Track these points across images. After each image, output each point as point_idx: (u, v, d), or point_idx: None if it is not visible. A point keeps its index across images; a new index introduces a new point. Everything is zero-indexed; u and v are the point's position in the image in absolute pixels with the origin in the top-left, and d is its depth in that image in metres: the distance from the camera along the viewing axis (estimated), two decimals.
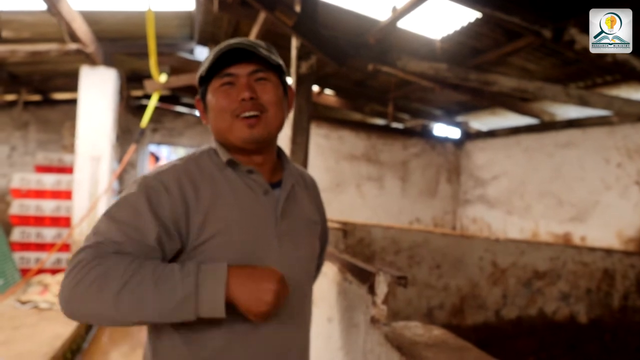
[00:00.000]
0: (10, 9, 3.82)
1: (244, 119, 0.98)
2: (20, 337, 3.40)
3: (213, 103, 1.01)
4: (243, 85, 0.99)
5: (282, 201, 1.05)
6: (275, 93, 1.02)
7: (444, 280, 3.07)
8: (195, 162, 1.03)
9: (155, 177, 0.96)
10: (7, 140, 6.81)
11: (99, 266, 0.81)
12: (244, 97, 0.97)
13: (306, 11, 2.78)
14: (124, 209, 0.91)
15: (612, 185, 4.66)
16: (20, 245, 5.09)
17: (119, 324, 0.85)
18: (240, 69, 1.00)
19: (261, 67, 1.01)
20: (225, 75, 1.00)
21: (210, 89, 1.02)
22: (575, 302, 3.34)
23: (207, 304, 0.81)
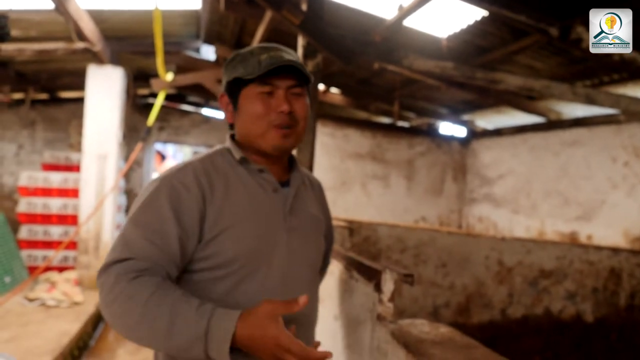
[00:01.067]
0: (19, 8, 3.84)
1: (280, 130, 1.04)
2: (28, 334, 3.43)
3: (250, 108, 1.05)
4: (283, 98, 1.04)
5: (291, 198, 1.11)
6: (306, 108, 1.09)
7: (450, 279, 3.06)
8: (209, 159, 1.08)
9: (176, 177, 1.01)
10: (14, 138, 6.86)
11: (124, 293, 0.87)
12: (284, 110, 1.03)
13: (313, 10, 2.78)
14: (148, 213, 0.97)
15: (619, 184, 4.63)
16: (27, 243, 5.12)
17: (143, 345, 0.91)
18: (282, 81, 1.05)
19: (299, 83, 1.07)
20: (267, 85, 1.04)
21: (247, 92, 1.06)
22: (581, 301, 3.33)
23: (214, 350, 0.84)
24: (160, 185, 0.99)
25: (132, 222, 0.96)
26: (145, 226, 0.95)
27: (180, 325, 0.84)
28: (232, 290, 1.00)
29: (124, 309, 0.86)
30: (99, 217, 4.96)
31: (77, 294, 4.35)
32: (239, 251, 1.00)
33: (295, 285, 1.07)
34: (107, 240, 5.00)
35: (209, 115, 7.70)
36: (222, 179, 1.04)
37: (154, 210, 0.96)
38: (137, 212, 0.98)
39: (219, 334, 0.83)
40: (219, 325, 0.84)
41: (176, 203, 0.97)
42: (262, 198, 1.07)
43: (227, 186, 1.04)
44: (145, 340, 0.88)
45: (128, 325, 0.87)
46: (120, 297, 0.87)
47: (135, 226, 0.95)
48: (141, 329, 0.86)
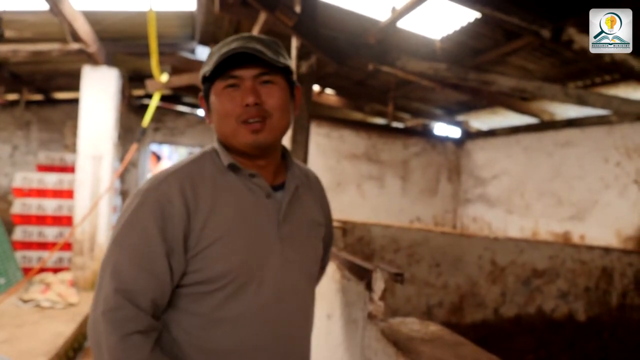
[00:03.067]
0: (13, 8, 3.84)
1: (248, 124, 0.96)
2: (23, 336, 3.43)
3: (217, 106, 0.99)
4: (248, 90, 0.95)
5: (285, 205, 1.03)
6: (280, 97, 0.98)
7: (444, 279, 3.09)
8: (197, 165, 1.02)
9: (160, 190, 0.95)
10: (9, 139, 6.83)
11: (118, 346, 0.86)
12: (249, 102, 0.95)
13: (306, 11, 2.80)
14: (133, 234, 0.93)
15: (611, 184, 4.67)
16: (22, 244, 5.11)
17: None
18: (246, 71, 0.96)
19: (267, 70, 0.97)
20: (230, 78, 0.97)
21: (214, 90, 0.99)
22: (574, 300, 3.36)
23: None
24: (143, 200, 0.94)
25: (118, 245, 0.93)
26: (132, 249, 0.91)
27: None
28: (222, 305, 0.95)
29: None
30: (94, 218, 4.96)
31: (72, 295, 4.34)
32: (227, 265, 0.95)
33: (289, 297, 1.02)
34: (102, 242, 5.00)
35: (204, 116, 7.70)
36: (209, 186, 0.98)
37: (139, 230, 0.92)
38: (121, 232, 0.94)
39: None
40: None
41: (160, 220, 0.92)
42: (253, 206, 1.00)
43: (215, 195, 0.97)
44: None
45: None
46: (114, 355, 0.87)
47: (121, 250, 0.92)
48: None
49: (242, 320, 0.96)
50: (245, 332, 0.96)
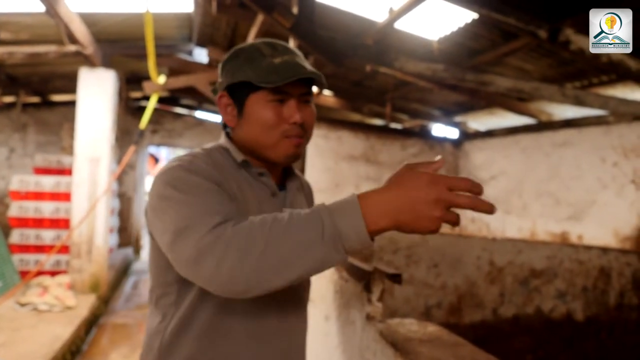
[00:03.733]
0: (9, 10, 3.83)
1: (291, 139, 0.99)
2: (20, 339, 3.42)
3: (259, 116, 0.99)
4: (295, 108, 0.98)
5: (289, 203, 1.09)
6: (314, 116, 1.05)
7: (442, 279, 3.08)
8: (210, 155, 1.01)
9: (190, 160, 0.94)
10: (5, 142, 6.82)
11: (236, 235, 0.77)
12: (297, 120, 0.98)
13: (304, 13, 2.80)
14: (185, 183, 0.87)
15: (609, 185, 4.68)
16: (19, 247, 5.09)
17: (272, 290, 0.79)
18: (295, 89, 0.99)
19: (309, 90, 1.02)
20: (281, 93, 0.98)
21: (257, 98, 0.99)
22: (571, 300, 3.36)
23: (353, 244, 0.76)
24: (180, 167, 0.90)
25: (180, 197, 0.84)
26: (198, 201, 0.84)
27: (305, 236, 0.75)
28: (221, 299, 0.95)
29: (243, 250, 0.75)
30: (91, 221, 4.94)
31: (69, 298, 4.32)
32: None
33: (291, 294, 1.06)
34: (100, 244, 4.98)
35: (202, 118, 7.69)
36: (231, 177, 0.99)
37: (194, 187, 0.86)
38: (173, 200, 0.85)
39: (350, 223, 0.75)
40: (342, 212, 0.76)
41: (202, 174, 0.89)
42: (262, 202, 1.03)
43: (238, 185, 0.99)
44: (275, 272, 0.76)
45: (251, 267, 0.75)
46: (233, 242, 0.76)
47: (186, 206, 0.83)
48: (267, 260, 0.75)
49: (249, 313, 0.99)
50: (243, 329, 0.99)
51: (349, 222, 0.75)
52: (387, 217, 0.75)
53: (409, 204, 0.74)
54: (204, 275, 0.78)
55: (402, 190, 0.75)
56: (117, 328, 4.50)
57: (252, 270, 0.75)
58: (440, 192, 0.73)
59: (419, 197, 0.73)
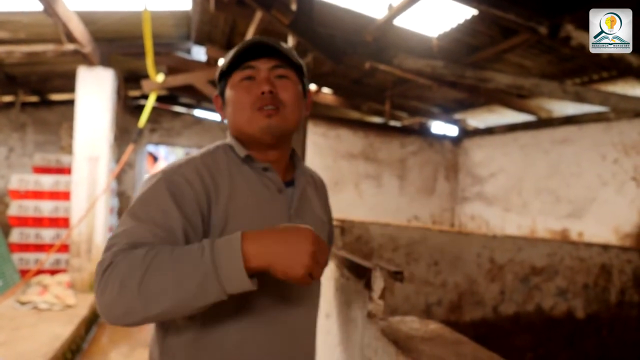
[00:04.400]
0: (6, 9, 3.81)
1: (262, 111, 0.99)
2: (20, 338, 3.41)
3: (233, 97, 1.02)
4: (263, 79, 1.00)
5: (296, 200, 1.07)
6: (294, 91, 1.03)
7: (442, 277, 3.08)
8: (211, 156, 1.03)
9: (176, 171, 0.95)
10: (4, 141, 6.80)
11: (122, 262, 0.78)
12: (264, 90, 0.98)
13: (302, 10, 2.79)
14: (148, 206, 0.89)
15: (609, 182, 4.68)
16: (19, 246, 5.09)
17: (151, 319, 0.80)
18: (262, 63, 1.01)
19: (282, 64, 1.02)
20: (247, 68, 1.01)
21: (230, 83, 1.03)
22: (572, 298, 3.36)
23: (229, 279, 0.77)
24: (160, 178, 0.93)
25: (133, 216, 0.87)
26: (148, 221, 0.86)
27: (184, 268, 0.76)
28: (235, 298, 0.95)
29: (123, 278, 0.76)
30: (90, 220, 4.93)
31: (69, 297, 4.32)
32: None
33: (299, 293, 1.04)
34: (99, 243, 4.98)
35: (201, 116, 7.68)
36: (227, 178, 0.99)
37: (156, 204, 0.89)
38: (137, 205, 0.89)
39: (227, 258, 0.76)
40: (227, 246, 0.77)
41: (179, 196, 0.90)
42: (267, 199, 1.02)
43: (232, 186, 0.99)
44: (153, 304, 0.76)
45: (130, 294, 0.76)
46: (116, 270, 0.77)
47: (137, 221, 0.86)
48: (145, 289, 0.75)
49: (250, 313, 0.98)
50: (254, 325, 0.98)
51: (227, 256, 0.77)
52: (263, 258, 0.79)
53: (289, 252, 0.79)
54: (95, 296, 0.81)
55: (285, 237, 0.81)
56: (117, 327, 4.49)
57: (130, 297, 0.76)
58: (316, 249, 0.81)
59: (300, 247, 0.80)
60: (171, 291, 0.76)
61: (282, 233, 0.81)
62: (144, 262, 0.77)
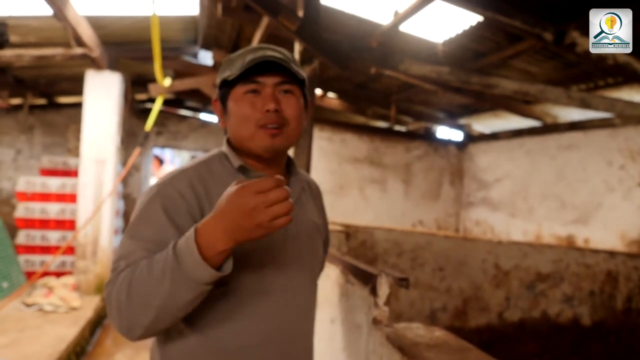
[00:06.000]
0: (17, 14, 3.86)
1: (266, 129, 0.99)
2: (26, 339, 3.43)
3: (236, 110, 1.01)
4: (269, 96, 0.99)
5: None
6: (297, 107, 1.03)
7: (447, 283, 3.07)
8: (206, 165, 1.05)
9: (169, 184, 0.98)
10: (12, 143, 6.86)
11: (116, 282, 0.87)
12: (270, 108, 0.98)
13: (309, 16, 2.80)
14: (143, 224, 0.94)
15: (615, 187, 4.65)
16: (25, 248, 5.12)
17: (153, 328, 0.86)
18: (268, 78, 1.00)
19: (287, 79, 1.01)
20: (252, 83, 1.00)
21: (234, 94, 1.02)
22: (578, 305, 3.34)
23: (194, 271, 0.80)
24: (154, 194, 0.97)
25: (130, 235, 0.94)
26: (143, 238, 0.92)
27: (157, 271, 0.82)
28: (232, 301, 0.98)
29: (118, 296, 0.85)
30: (96, 222, 4.96)
31: (74, 299, 4.34)
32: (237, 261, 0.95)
33: (295, 294, 1.06)
34: (105, 245, 5.00)
35: (207, 119, 7.72)
36: (220, 185, 0.99)
37: (150, 220, 0.94)
38: (133, 224, 0.96)
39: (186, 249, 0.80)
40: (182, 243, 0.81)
41: (172, 210, 0.94)
42: None
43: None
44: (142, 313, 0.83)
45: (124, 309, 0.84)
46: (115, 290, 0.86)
47: (132, 239, 0.93)
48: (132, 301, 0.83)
49: (250, 316, 0.99)
50: (253, 328, 0.99)
51: (186, 252, 0.80)
52: (222, 239, 0.79)
53: (234, 221, 0.78)
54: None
55: (224, 212, 0.79)
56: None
57: (125, 315, 0.84)
58: (250, 200, 0.77)
59: (237, 213, 0.77)
60: (152, 296, 0.82)
61: (222, 211, 0.80)
62: (127, 278, 0.84)
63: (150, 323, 0.84)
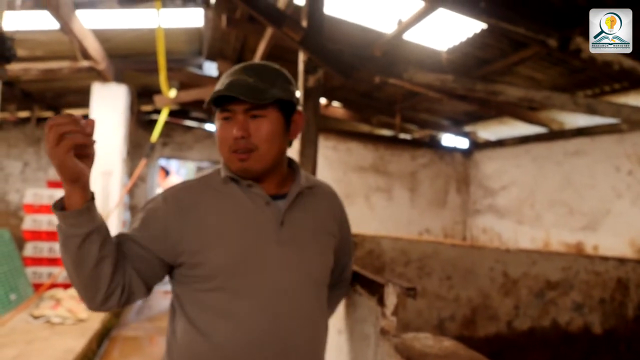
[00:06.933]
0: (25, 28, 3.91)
1: (236, 154, 1.08)
2: (33, 352, 3.43)
3: (216, 132, 1.13)
4: (237, 123, 1.06)
5: (284, 210, 1.12)
6: (268, 130, 1.07)
7: (455, 291, 3.05)
8: (206, 177, 1.17)
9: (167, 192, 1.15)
10: (20, 156, 6.92)
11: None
12: (236, 136, 1.06)
13: (313, 26, 2.82)
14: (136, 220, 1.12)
15: (624, 193, 4.61)
16: (32, 260, 5.14)
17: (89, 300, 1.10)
18: (237, 106, 1.06)
19: (256, 105, 1.06)
20: (224, 111, 1.08)
21: (216, 116, 1.12)
22: (589, 313, 3.30)
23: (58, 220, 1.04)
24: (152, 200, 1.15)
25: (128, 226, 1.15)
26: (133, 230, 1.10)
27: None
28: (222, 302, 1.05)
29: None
30: None
31: (81, 311, 4.34)
32: (225, 261, 1.06)
33: (288, 298, 1.08)
34: None
35: (212, 130, 7.75)
36: (212, 196, 1.12)
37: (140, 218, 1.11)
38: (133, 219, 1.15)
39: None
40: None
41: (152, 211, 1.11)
42: (252, 211, 1.10)
43: (217, 202, 1.11)
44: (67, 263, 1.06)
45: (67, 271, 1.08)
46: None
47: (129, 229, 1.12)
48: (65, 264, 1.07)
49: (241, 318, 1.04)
50: (244, 330, 1.04)
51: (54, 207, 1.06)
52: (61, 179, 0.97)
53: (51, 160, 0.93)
54: None
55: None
56: (129, 340, 4.50)
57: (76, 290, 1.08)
58: (47, 137, 0.89)
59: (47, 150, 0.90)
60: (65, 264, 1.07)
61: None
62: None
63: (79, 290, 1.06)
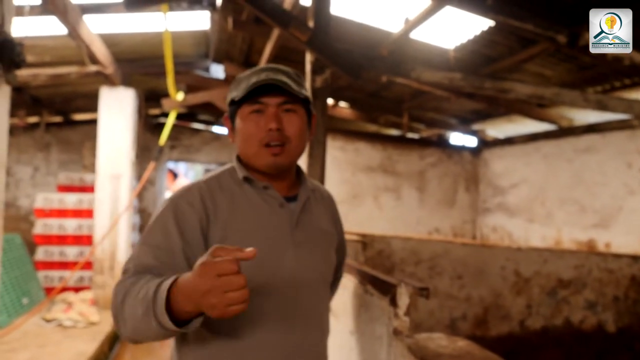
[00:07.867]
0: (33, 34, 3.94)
1: (269, 148, 1.05)
2: (46, 355, 3.45)
3: (242, 128, 1.08)
4: (271, 116, 1.04)
5: (297, 212, 1.12)
6: (299, 125, 1.08)
7: (466, 291, 3.02)
8: (217, 179, 1.12)
9: (182, 197, 1.06)
10: (30, 161, 6.97)
11: (118, 287, 0.94)
12: (272, 127, 1.04)
13: (319, 26, 2.81)
14: (154, 232, 1.02)
15: (636, 190, 4.55)
16: (44, 264, 5.18)
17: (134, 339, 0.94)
18: (271, 99, 1.05)
19: (290, 99, 1.06)
20: (256, 103, 1.06)
21: (240, 113, 1.08)
22: (602, 311, 3.26)
23: (162, 316, 0.82)
24: (167, 206, 1.05)
25: (142, 241, 1.02)
26: (152, 244, 0.99)
27: (139, 301, 0.86)
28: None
29: (115, 302, 0.92)
30: (113, 237, 5.00)
31: (93, 314, 4.36)
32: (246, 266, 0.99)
33: (307, 298, 1.10)
34: (122, 260, 5.03)
35: (220, 132, 7.77)
36: (228, 197, 1.08)
37: (161, 229, 1.01)
38: (147, 230, 1.04)
39: (159, 300, 0.82)
40: (162, 288, 0.84)
41: (181, 220, 1.01)
42: (268, 214, 1.09)
43: (233, 203, 1.07)
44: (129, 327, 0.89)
45: (117, 318, 0.92)
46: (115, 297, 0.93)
47: (143, 245, 1.01)
48: (123, 316, 0.89)
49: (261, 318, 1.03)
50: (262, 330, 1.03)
51: (160, 297, 0.83)
52: (189, 303, 0.80)
53: (192, 295, 0.79)
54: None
55: (190, 281, 0.80)
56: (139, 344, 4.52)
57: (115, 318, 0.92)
58: (208, 282, 0.75)
59: (196, 289, 0.77)
60: (133, 316, 0.87)
61: (190, 279, 0.80)
62: (127, 289, 0.91)
63: (130, 334, 0.91)
